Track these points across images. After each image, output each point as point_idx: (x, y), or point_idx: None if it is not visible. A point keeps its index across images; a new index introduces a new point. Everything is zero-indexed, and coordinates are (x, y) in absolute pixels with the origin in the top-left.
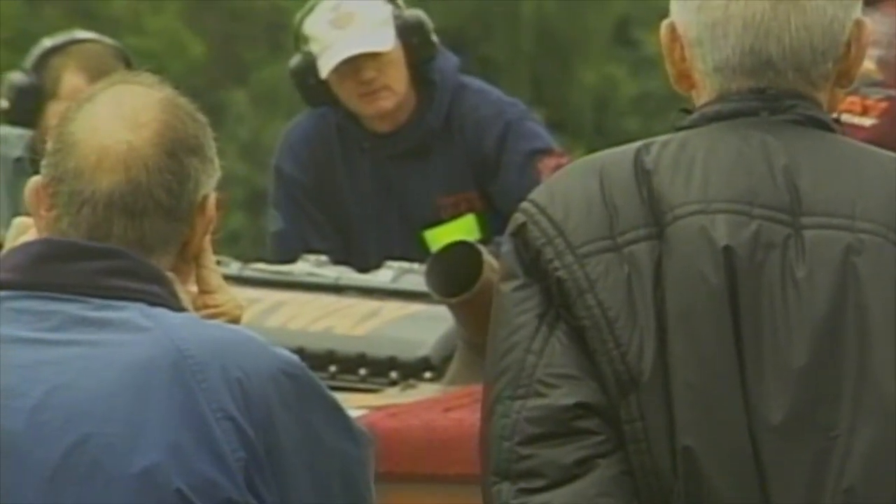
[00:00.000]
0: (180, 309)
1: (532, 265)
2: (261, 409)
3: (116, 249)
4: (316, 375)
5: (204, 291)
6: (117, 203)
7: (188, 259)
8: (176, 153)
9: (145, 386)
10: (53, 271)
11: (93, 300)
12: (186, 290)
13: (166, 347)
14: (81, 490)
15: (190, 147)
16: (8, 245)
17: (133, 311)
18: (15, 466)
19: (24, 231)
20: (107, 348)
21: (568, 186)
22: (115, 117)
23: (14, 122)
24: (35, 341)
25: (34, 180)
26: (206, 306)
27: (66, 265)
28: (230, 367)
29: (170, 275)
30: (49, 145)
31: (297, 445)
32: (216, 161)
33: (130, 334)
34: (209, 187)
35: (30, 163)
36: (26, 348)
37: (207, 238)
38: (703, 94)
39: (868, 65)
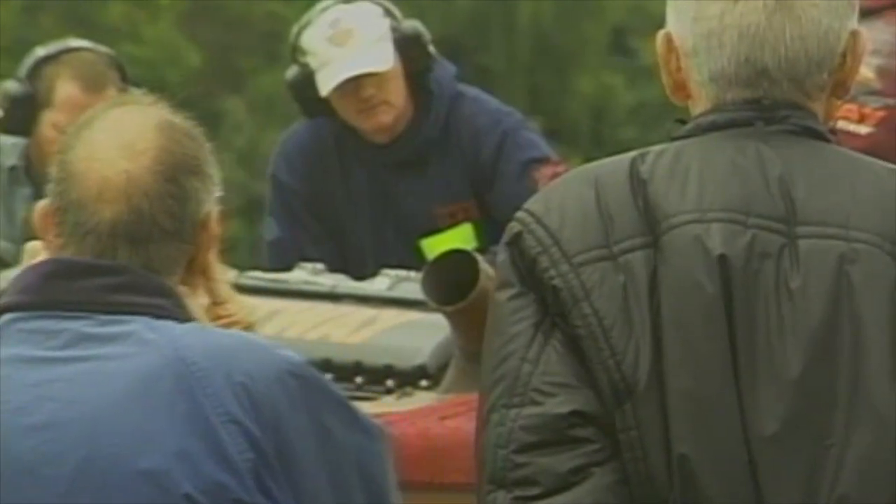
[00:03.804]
0: (187, 320)
1: (528, 274)
2: (268, 412)
3: (121, 266)
4: (321, 374)
5: (216, 303)
6: (121, 232)
7: (196, 273)
8: (175, 177)
9: (150, 396)
10: (61, 289)
11: (99, 316)
12: (198, 303)
13: (169, 358)
14: (95, 501)
15: (188, 168)
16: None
17: (139, 324)
18: (29, 485)
19: (36, 254)
20: (113, 362)
21: (563, 196)
22: (112, 146)
23: (8, 131)
24: (44, 360)
25: (42, 205)
26: (220, 317)
27: (73, 283)
28: (234, 373)
29: (181, 288)
30: (53, 171)
31: (312, 445)
32: (215, 176)
33: (135, 347)
34: (210, 204)
35: (24, 171)
36: (36, 368)
37: (214, 251)
38: (699, 105)
39: (867, 73)
